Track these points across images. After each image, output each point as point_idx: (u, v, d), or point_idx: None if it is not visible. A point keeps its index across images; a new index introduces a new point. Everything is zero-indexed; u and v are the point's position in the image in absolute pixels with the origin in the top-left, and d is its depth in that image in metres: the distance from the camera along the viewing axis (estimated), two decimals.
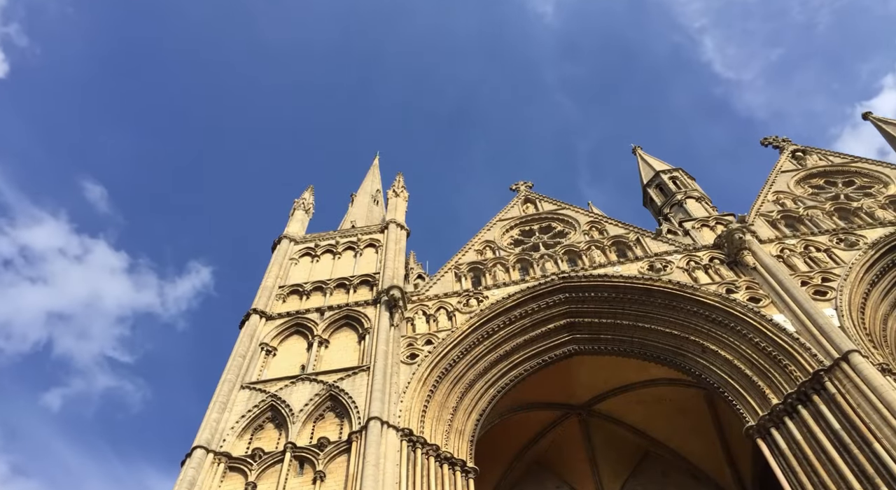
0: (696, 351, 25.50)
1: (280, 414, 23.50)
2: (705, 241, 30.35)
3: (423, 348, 26.12)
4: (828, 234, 29.14)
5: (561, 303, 28.22)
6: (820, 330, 22.61)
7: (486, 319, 27.34)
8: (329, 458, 21.42)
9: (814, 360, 21.95)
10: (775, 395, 22.47)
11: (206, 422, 22.98)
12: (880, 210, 30.79)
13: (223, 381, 24.90)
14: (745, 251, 27.75)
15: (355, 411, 22.82)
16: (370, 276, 31.32)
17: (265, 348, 27.26)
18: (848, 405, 20.29)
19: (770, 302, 25.02)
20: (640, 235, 32.14)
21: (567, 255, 32.11)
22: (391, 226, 35.64)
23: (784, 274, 25.98)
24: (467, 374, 25.96)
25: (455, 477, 22.67)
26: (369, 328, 27.20)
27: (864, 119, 42.68)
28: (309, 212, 40.97)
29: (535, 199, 38.95)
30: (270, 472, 21.36)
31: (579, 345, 27.82)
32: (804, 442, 20.87)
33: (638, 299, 27.39)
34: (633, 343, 27.18)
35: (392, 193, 40.15)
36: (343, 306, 29.11)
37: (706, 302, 25.77)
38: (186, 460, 21.47)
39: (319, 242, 35.54)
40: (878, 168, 35.31)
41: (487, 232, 35.81)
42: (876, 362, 21.26)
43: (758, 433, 22.40)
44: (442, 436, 23.65)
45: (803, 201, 33.17)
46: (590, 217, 35.49)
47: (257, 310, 29.06)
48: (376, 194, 52.57)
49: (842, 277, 25.59)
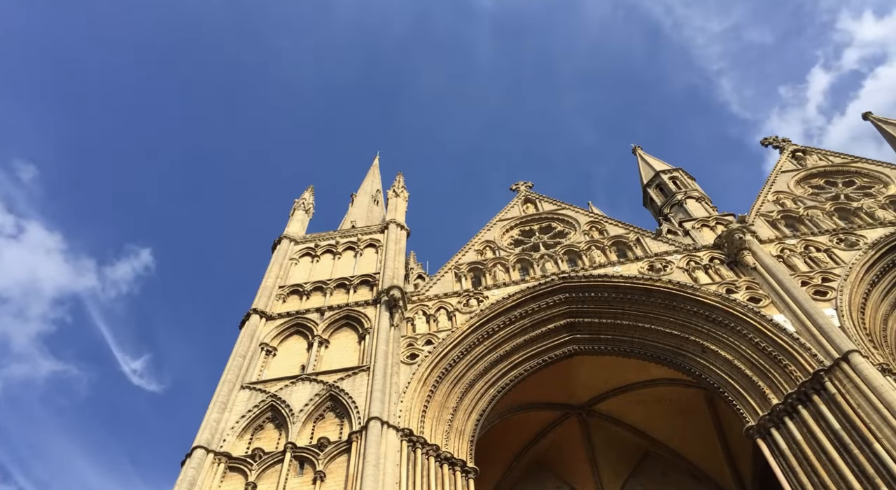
0: (696, 351, 25.51)
1: (280, 414, 23.50)
2: (705, 241, 30.35)
3: (424, 348, 26.12)
4: (828, 234, 29.14)
5: (561, 303, 28.24)
6: (820, 330, 22.62)
7: (486, 319, 27.35)
8: (329, 459, 21.43)
9: (814, 361, 21.96)
10: (775, 396, 22.48)
11: (206, 422, 22.98)
12: (880, 210, 30.80)
13: (223, 382, 24.89)
14: (746, 251, 27.75)
15: (355, 411, 22.82)
16: (370, 277, 31.33)
17: (265, 348, 27.26)
18: (848, 405, 20.29)
19: (770, 302, 25.02)
20: (640, 235, 32.14)
21: (567, 255, 32.12)
22: (391, 226, 35.65)
23: (784, 274, 25.99)
24: (467, 375, 25.97)
25: (455, 477, 22.67)
26: (369, 328, 27.21)
27: (865, 119, 42.71)
28: (309, 212, 41.00)
29: (535, 199, 38.96)
30: (270, 473, 21.36)
31: (579, 345, 27.83)
32: (804, 442, 20.87)
33: (638, 299, 27.40)
34: (633, 343, 27.19)
35: (392, 193, 40.15)
36: (343, 306, 29.11)
37: (706, 302, 25.77)
38: (186, 460, 21.48)
39: (319, 242, 35.54)
40: (879, 168, 35.31)
41: (487, 232, 35.81)
42: (876, 362, 21.26)
43: (758, 433, 22.41)
44: (442, 436, 23.66)
45: (803, 201, 33.17)
46: (590, 217, 35.51)
47: (257, 310, 29.05)
48: (376, 194, 52.57)
49: (842, 277, 25.59)
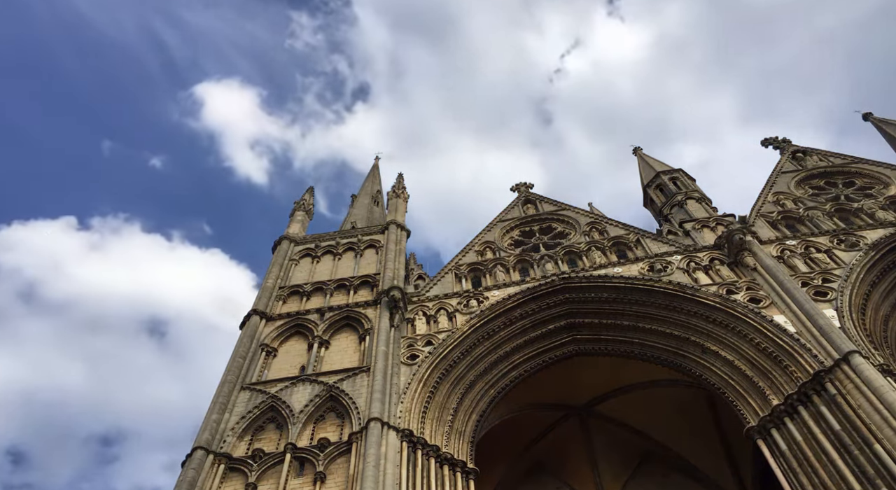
0: (696, 352, 25.51)
1: (280, 415, 23.49)
2: (706, 241, 30.33)
3: (424, 349, 26.10)
4: (828, 234, 29.12)
5: (561, 303, 28.24)
6: (820, 331, 22.61)
7: (486, 320, 27.34)
8: (329, 459, 21.42)
9: (814, 361, 21.94)
10: (776, 396, 22.47)
11: (206, 423, 22.99)
12: (881, 211, 30.78)
13: (223, 383, 24.89)
14: (746, 252, 27.73)
15: (355, 412, 22.81)
16: (370, 277, 31.31)
17: (265, 349, 27.24)
18: (848, 406, 20.29)
19: (770, 303, 25.01)
20: (640, 236, 32.13)
21: (567, 255, 32.10)
22: (391, 227, 35.63)
23: (784, 275, 25.97)
24: (467, 375, 25.96)
25: (455, 478, 22.67)
26: (370, 329, 27.19)
27: (865, 120, 42.70)
28: (309, 213, 41.03)
29: (535, 199, 38.95)
30: (271, 473, 21.35)
31: (580, 346, 27.84)
32: (804, 442, 20.88)
33: (638, 300, 27.40)
34: (633, 344, 27.20)
35: (392, 194, 40.16)
36: (343, 307, 29.10)
37: (707, 303, 25.77)
38: (187, 461, 21.51)
39: (320, 243, 35.52)
40: (879, 169, 35.29)
41: (488, 233, 35.80)
42: (876, 363, 21.25)
43: (758, 434, 22.42)
44: (442, 437, 23.65)
45: (804, 202, 33.15)
46: (590, 218, 35.52)
47: (258, 311, 29.03)
48: (377, 195, 52.53)
49: (842, 278, 25.58)
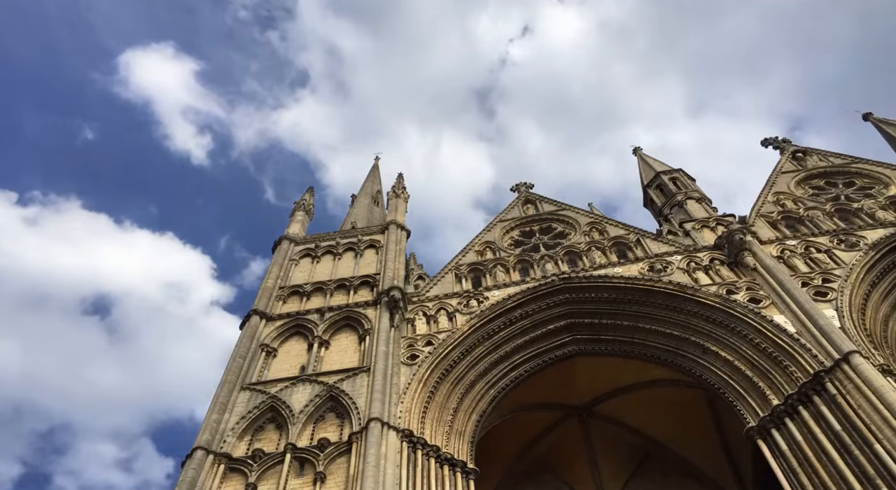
0: (696, 352, 25.50)
1: (280, 415, 23.48)
2: (706, 241, 30.32)
3: (424, 349, 26.09)
4: (828, 234, 29.11)
5: (561, 304, 28.23)
6: (821, 331, 22.59)
7: (486, 320, 27.34)
8: (329, 460, 21.42)
9: (814, 361, 21.94)
10: (776, 396, 22.46)
11: (206, 423, 22.99)
12: (881, 211, 30.78)
13: (223, 383, 24.89)
14: (746, 252, 27.72)
15: (356, 412, 22.81)
16: (370, 277, 31.30)
17: (265, 349, 27.23)
18: (848, 406, 20.27)
19: (770, 303, 25.01)
20: (640, 236, 32.12)
21: (567, 255, 32.10)
22: (391, 227, 35.62)
23: (785, 275, 25.97)
24: (468, 375, 25.96)
25: (455, 478, 22.66)
26: (370, 329, 27.19)
27: (865, 120, 42.68)
28: (309, 213, 41.01)
29: (535, 199, 38.94)
30: (271, 474, 21.35)
31: (580, 346, 27.83)
32: (805, 443, 20.86)
33: (638, 300, 27.39)
34: (633, 344, 27.19)
35: (392, 194, 40.14)
36: (343, 307, 29.10)
37: (707, 303, 25.76)
38: (187, 461, 21.50)
39: (320, 243, 35.50)
40: (879, 169, 35.28)
41: (488, 233, 35.79)
42: (877, 363, 21.25)
43: (758, 434, 22.40)
44: (442, 437, 23.65)
45: (804, 202, 33.15)
46: (590, 218, 35.50)
47: (258, 311, 29.02)
48: (377, 195, 52.49)
49: (842, 278, 25.57)
